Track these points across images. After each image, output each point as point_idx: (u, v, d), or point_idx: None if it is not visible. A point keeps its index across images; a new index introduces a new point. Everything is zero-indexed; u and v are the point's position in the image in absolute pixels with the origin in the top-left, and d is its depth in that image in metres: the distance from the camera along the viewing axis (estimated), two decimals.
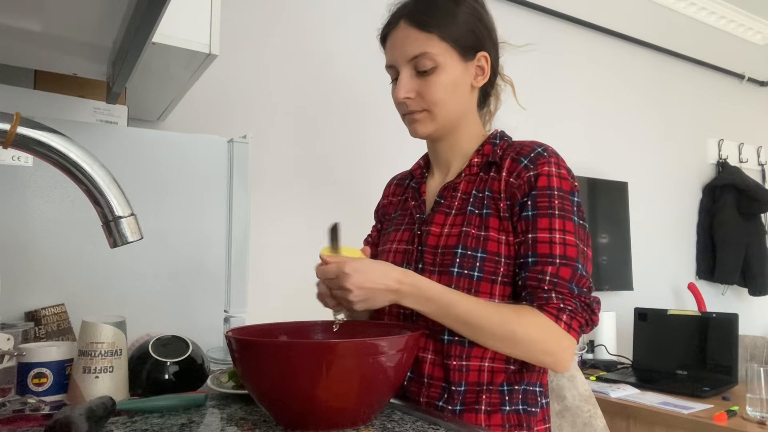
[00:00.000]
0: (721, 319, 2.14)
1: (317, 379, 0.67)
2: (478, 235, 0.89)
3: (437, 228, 0.94)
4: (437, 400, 0.89)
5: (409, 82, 0.93)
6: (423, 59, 0.91)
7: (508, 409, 0.88)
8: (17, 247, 1.09)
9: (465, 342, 0.87)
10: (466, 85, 0.95)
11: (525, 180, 0.89)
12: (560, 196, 0.88)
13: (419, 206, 1.01)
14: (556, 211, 0.86)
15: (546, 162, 0.89)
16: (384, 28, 0.98)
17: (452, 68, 0.92)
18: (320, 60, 2.08)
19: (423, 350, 0.91)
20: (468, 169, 0.96)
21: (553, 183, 0.88)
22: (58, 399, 0.83)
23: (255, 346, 0.70)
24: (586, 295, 0.84)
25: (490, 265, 0.88)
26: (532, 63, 2.67)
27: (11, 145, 0.65)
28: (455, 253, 0.89)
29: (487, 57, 0.96)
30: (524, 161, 0.90)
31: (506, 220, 0.89)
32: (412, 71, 0.93)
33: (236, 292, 1.30)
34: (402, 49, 0.93)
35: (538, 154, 0.90)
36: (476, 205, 0.92)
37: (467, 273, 0.88)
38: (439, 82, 0.92)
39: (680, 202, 3.26)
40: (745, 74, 3.64)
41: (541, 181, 0.88)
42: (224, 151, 1.31)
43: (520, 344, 0.82)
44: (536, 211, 0.87)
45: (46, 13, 0.88)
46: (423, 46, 0.91)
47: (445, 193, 0.97)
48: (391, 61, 0.96)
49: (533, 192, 0.88)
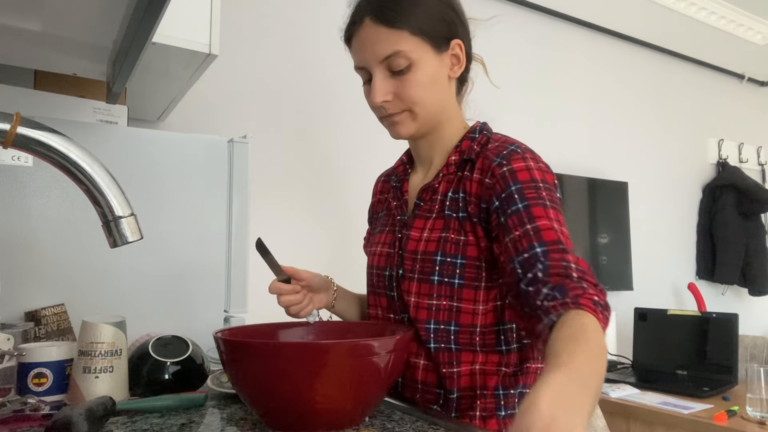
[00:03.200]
0: (721, 319, 2.14)
1: (308, 381, 0.66)
2: (458, 240, 0.85)
3: (416, 233, 0.90)
4: (433, 404, 0.88)
5: (384, 84, 0.87)
6: (396, 58, 0.85)
7: (504, 414, 0.86)
8: (17, 247, 1.09)
9: (452, 348, 0.85)
10: (444, 77, 0.90)
11: (499, 177, 0.83)
12: (546, 188, 0.81)
13: (401, 206, 0.97)
14: (548, 202, 0.80)
15: (521, 158, 0.84)
16: (348, 29, 0.91)
17: (428, 63, 0.86)
18: (320, 60, 2.08)
19: (415, 356, 0.89)
20: (446, 168, 0.92)
21: (536, 176, 0.82)
22: (58, 399, 0.83)
23: (244, 348, 0.69)
24: (605, 292, 0.76)
25: (471, 271, 0.85)
26: (531, 63, 2.67)
27: (11, 145, 0.65)
28: (434, 260, 0.86)
29: (461, 44, 0.90)
30: (497, 159, 0.85)
31: (478, 224, 0.85)
32: (385, 72, 0.87)
33: (236, 292, 1.30)
34: (372, 49, 0.86)
35: (511, 151, 0.86)
36: (453, 208, 0.88)
37: (447, 281, 0.85)
38: (416, 80, 0.86)
39: (680, 202, 3.26)
40: (745, 74, 3.64)
41: (522, 175, 0.82)
42: (224, 151, 1.31)
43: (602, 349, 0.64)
44: (527, 202, 0.79)
45: (46, 13, 0.88)
46: (394, 44, 0.84)
47: (425, 196, 0.93)
48: (360, 63, 0.90)
49: (516, 185, 0.81)
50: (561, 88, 2.78)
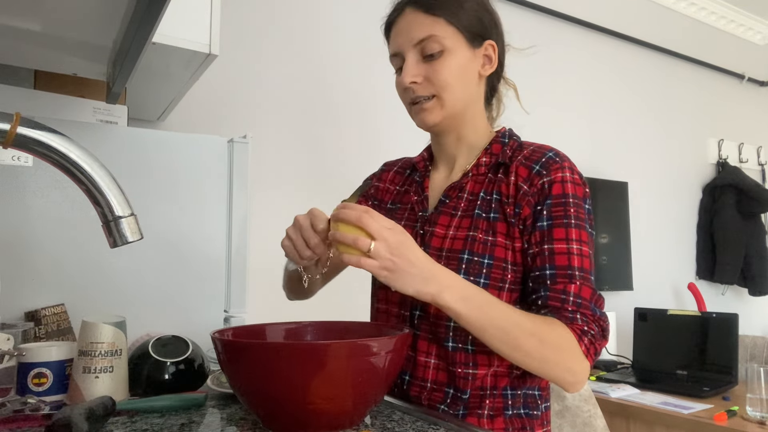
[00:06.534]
0: (721, 319, 2.14)
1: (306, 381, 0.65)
2: (486, 240, 0.86)
3: (441, 229, 0.91)
4: (439, 403, 0.87)
5: (416, 66, 0.89)
6: (430, 42, 0.88)
7: (510, 413, 0.86)
8: (17, 247, 1.09)
9: (469, 349, 0.85)
10: (474, 72, 0.92)
11: (539, 187, 0.86)
12: (575, 204, 0.85)
13: (422, 202, 0.97)
14: (573, 220, 0.84)
15: (560, 167, 0.87)
16: (389, 16, 0.95)
17: (459, 53, 0.89)
18: (320, 59, 2.08)
19: (426, 354, 0.88)
20: (475, 169, 0.93)
21: (568, 190, 0.85)
22: (58, 399, 0.83)
23: (241, 348, 0.68)
24: (605, 319, 0.82)
25: (498, 272, 0.85)
26: (532, 63, 2.67)
27: (11, 145, 0.65)
28: (461, 258, 0.86)
29: (494, 45, 0.93)
30: (536, 167, 0.87)
31: (513, 226, 0.86)
32: (418, 56, 0.90)
33: (236, 292, 1.30)
34: (408, 33, 0.90)
35: (550, 158, 0.88)
36: (483, 208, 0.89)
37: (473, 280, 0.84)
38: (447, 66, 0.88)
39: (680, 202, 3.26)
40: (745, 74, 3.64)
41: (556, 189, 0.85)
42: (224, 151, 1.31)
43: (549, 355, 0.78)
44: (551, 221, 0.84)
45: (46, 13, 0.88)
46: (430, 29, 0.88)
47: (451, 193, 0.94)
48: (396, 49, 0.92)
49: (548, 201, 0.85)
50: (561, 88, 2.78)
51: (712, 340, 2.14)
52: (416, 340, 0.89)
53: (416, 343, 0.89)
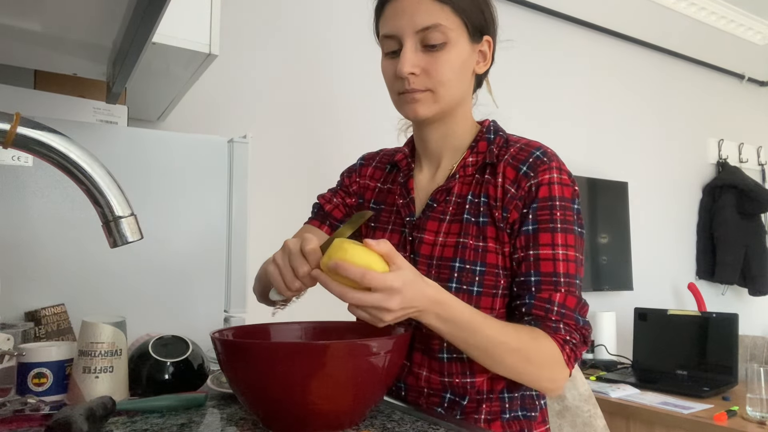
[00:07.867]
0: (721, 319, 2.14)
1: (306, 381, 0.65)
2: (477, 247, 0.84)
3: (430, 236, 0.88)
4: (436, 407, 0.87)
5: (415, 56, 0.83)
6: (434, 32, 0.82)
7: (508, 417, 0.86)
8: (17, 247, 1.09)
9: (464, 358, 0.83)
10: (470, 69, 0.88)
11: (526, 190, 0.83)
12: (562, 206, 0.83)
13: (408, 205, 0.93)
14: (559, 224, 0.82)
15: (547, 168, 0.84)
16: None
17: (461, 47, 0.85)
18: (320, 60, 2.08)
19: (418, 366, 0.87)
20: (462, 170, 0.90)
21: (554, 192, 0.83)
22: (58, 399, 0.83)
23: (240, 348, 0.68)
24: (588, 326, 0.82)
25: (491, 279, 0.83)
26: (531, 63, 2.67)
27: (11, 145, 0.65)
28: (453, 267, 0.84)
29: (491, 42, 0.90)
30: (523, 168, 0.84)
31: (502, 231, 0.84)
32: (418, 45, 0.83)
33: (236, 292, 1.30)
34: (411, 17, 0.82)
35: (537, 158, 0.85)
36: (472, 212, 0.86)
37: (466, 288, 0.83)
38: (449, 60, 0.83)
39: (680, 202, 3.26)
40: (745, 74, 3.64)
41: (543, 191, 0.83)
42: (224, 151, 1.31)
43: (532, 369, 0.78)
44: (537, 225, 0.82)
45: (46, 13, 0.88)
46: (436, 17, 0.82)
47: (438, 197, 0.90)
48: (392, 30, 0.84)
49: (534, 204, 0.83)
50: (561, 88, 2.78)
51: (712, 340, 2.14)
52: (411, 352, 0.88)
53: (411, 355, 0.88)
